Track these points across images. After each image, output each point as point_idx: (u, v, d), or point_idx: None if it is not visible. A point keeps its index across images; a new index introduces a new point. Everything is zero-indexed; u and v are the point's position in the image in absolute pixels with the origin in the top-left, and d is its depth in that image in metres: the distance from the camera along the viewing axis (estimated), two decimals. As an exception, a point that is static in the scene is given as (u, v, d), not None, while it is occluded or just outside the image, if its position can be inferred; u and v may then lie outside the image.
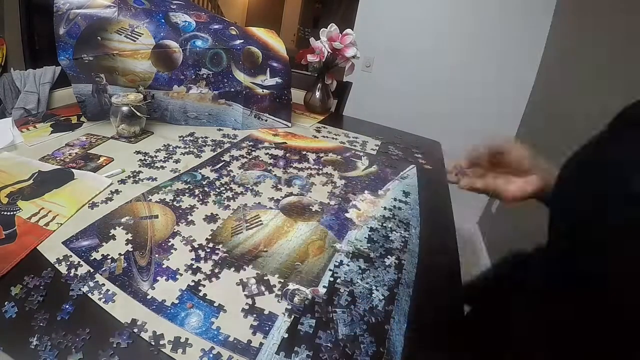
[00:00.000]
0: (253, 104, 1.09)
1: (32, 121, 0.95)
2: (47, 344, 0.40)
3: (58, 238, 0.56)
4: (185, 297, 0.49)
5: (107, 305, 0.46)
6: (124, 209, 0.65)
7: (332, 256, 0.61)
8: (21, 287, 0.47)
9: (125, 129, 0.92)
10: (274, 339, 0.45)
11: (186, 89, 1.03)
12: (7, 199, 0.63)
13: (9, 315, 0.43)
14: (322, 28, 1.22)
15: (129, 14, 0.97)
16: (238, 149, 0.96)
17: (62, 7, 0.91)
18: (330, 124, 1.25)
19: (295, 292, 0.53)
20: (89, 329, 0.43)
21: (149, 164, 0.82)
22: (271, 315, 0.48)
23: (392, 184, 0.90)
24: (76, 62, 0.92)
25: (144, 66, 0.98)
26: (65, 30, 0.91)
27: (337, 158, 0.99)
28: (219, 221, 0.66)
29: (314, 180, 0.85)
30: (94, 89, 0.96)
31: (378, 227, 0.71)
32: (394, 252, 0.65)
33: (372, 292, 0.55)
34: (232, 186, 0.77)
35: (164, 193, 0.72)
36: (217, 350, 0.43)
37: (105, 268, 0.52)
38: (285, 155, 0.96)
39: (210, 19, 1.10)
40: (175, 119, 1.05)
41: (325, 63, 1.26)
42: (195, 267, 0.54)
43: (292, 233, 0.65)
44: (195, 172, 0.81)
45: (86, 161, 0.79)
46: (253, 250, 0.60)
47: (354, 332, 0.48)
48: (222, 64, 1.06)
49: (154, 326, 0.45)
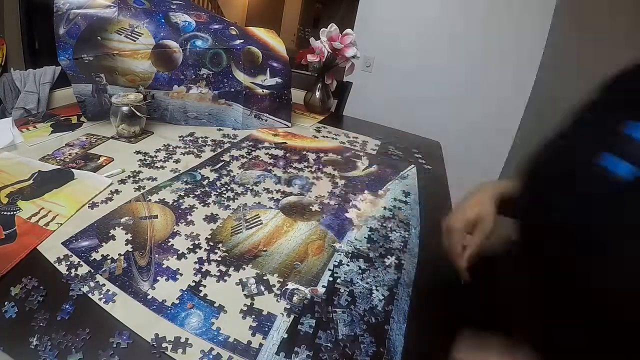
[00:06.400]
0: (253, 104, 1.09)
1: (32, 121, 0.95)
2: (47, 344, 0.40)
3: (58, 238, 0.56)
4: (185, 297, 0.49)
5: (107, 305, 0.46)
6: (124, 209, 0.65)
7: (332, 256, 0.61)
8: (21, 287, 0.47)
9: (125, 129, 0.92)
10: (273, 340, 0.45)
11: (186, 89, 1.03)
12: (7, 199, 0.63)
13: (9, 315, 0.43)
14: (322, 28, 1.22)
15: (129, 14, 0.97)
16: (238, 149, 0.96)
17: (62, 7, 0.91)
18: (330, 124, 1.25)
19: (294, 291, 0.53)
20: (89, 329, 0.43)
21: (149, 164, 0.82)
22: (270, 316, 0.48)
23: (392, 184, 0.90)
24: (76, 62, 0.92)
25: (144, 66, 0.98)
26: (65, 30, 0.91)
27: (337, 158, 0.99)
28: (219, 221, 0.66)
29: (314, 180, 0.85)
30: (94, 89, 0.96)
31: (378, 227, 0.71)
32: (393, 252, 0.65)
33: (372, 292, 0.55)
34: (232, 186, 0.77)
35: (164, 193, 0.72)
36: (217, 351, 0.43)
37: (105, 268, 0.52)
38: (285, 155, 0.96)
39: (210, 19, 1.10)
40: (175, 119, 1.05)
41: (325, 63, 1.26)
42: (195, 267, 0.55)
43: (291, 233, 0.65)
44: (195, 172, 0.81)
45: (86, 161, 0.79)
46: (253, 249, 0.60)
47: (354, 332, 0.48)
48: (222, 64, 1.06)
49: (154, 326, 0.45)
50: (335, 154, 1.01)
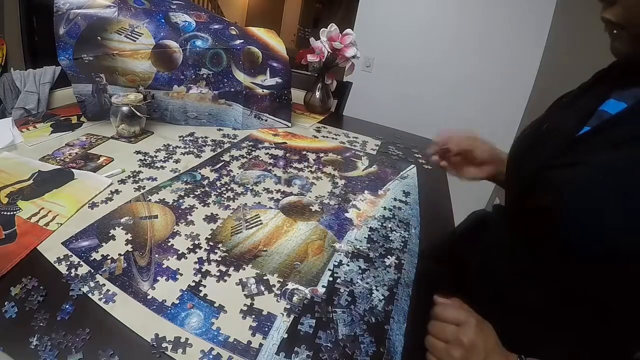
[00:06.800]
0: (253, 104, 1.09)
1: (32, 121, 0.95)
2: (47, 344, 0.40)
3: (58, 238, 0.56)
4: (185, 297, 0.49)
5: (107, 305, 0.46)
6: (124, 209, 0.65)
7: (332, 256, 0.61)
8: (21, 287, 0.47)
9: (125, 129, 0.92)
10: (273, 340, 0.45)
11: (186, 89, 1.03)
12: (7, 199, 0.63)
13: (9, 315, 0.43)
14: (322, 28, 1.22)
15: (129, 14, 0.97)
16: (238, 149, 0.96)
17: (62, 7, 0.91)
18: (330, 124, 1.25)
19: (294, 291, 0.53)
20: (89, 329, 0.43)
21: (149, 164, 0.82)
22: (270, 316, 0.48)
23: (392, 184, 0.90)
24: (76, 62, 0.92)
25: (144, 66, 0.98)
26: (65, 30, 0.91)
27: (337, 158, 0.99)
28: (219, 221, 0.66)
29: (314, 180, 0.85)
30: (94, 89, 0.96)
31: (378, 227, 0.71)
32: (393, 252, 0.65)
33: (372, 292, 0.55)
34: (232, 186, 0.77)
35: (164, 193, 0.72)
36: (217, 351, 0.43)
37: (105, 268, 0.52)
38: (285, 155, 0.96)
39: (210, 19, 1.10)
40: (175, 119, 1.05)
41: (325, 63, 1.26)
42: (195, 267, 0.54)
43: (291, 233, 0.65)
44: (195, 172, 0.81)
45: (86, 161, 0.79)
46: (253, 249, 0.60)
47: (354, 332, 0.48)
48: (222, 64, 1.06)
49: (154, 326, 0.45)
50: (335, 154, 1.01)
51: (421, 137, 1.29)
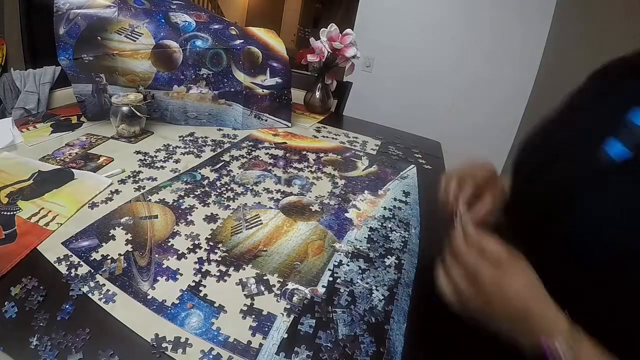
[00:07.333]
0: (253, 104, 1.09)
1: (32, 121, 0.95)
2: (47, 344, 0.40)
3: (58, 238, 0.56)
4: (185, 297, 0.49)
5: (107, 305, 0.46)
6: (124, 209, 0.65)
7: (332, 256, 0.61)
8: (21, 287, 0.47)
9: (125, 129, 0.92)
10: (273, 340, 0.45)
11: (186, 89, 1.03)
12: (7, 199, 0.63)
13: (9, 315, 0.43)
14: (322, 28, 1.22)
15: (129, 14, 0.97)
16: (238, 149, 0.96)
17: (62, 7, 0.91)
18: (330, 124, 1.25)
19: (294, 291, 0.53)
20: (89, 329, 0.43)
21: (149, 164, 0.82)
22: (270, 316, 0.48)
23: (392, 184, 0.90)
24: (76, 62, 0.92)
25: (144, 66, 0.98)
26: (65, 30, 0.91)
27: (337, 158, 0.99)
28: (219, 221, 0.66)
29: (314, 180, 0.85)
30: (94, 89, 0.96)
31: (378, 227, 0.71)
32: (393, 252, 0.65)
33: (372, 292, 0.55)
34: (232, 186, 0.77)
35: (164, 193, 0.72)
36: (217, 351, 0.43)
37: (105, 268, 0.52)
38: (285, 155, 0.96)
39: (210, 19, 1.10)
40: (175, 119, 1.05)
41: (325, 63, 1.26)
42: (195, 267, 0.54)
43: (291, 233, 0.65)
44: (195, 172, 0.81)
45: (86, 161, 0.79)
46: (253, 249, 0.60)
47: (354, 332, 0.48)
48: (222, 64, 1.06)
49: (154, 326, 0.45)
50: (335, 154, 1.01)
51: (421, 137, 1.29)
